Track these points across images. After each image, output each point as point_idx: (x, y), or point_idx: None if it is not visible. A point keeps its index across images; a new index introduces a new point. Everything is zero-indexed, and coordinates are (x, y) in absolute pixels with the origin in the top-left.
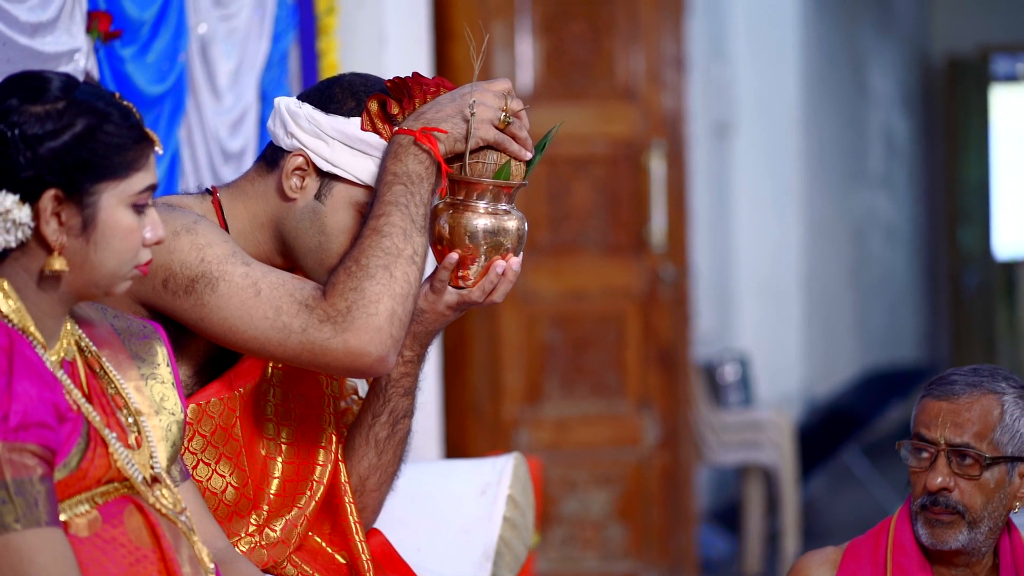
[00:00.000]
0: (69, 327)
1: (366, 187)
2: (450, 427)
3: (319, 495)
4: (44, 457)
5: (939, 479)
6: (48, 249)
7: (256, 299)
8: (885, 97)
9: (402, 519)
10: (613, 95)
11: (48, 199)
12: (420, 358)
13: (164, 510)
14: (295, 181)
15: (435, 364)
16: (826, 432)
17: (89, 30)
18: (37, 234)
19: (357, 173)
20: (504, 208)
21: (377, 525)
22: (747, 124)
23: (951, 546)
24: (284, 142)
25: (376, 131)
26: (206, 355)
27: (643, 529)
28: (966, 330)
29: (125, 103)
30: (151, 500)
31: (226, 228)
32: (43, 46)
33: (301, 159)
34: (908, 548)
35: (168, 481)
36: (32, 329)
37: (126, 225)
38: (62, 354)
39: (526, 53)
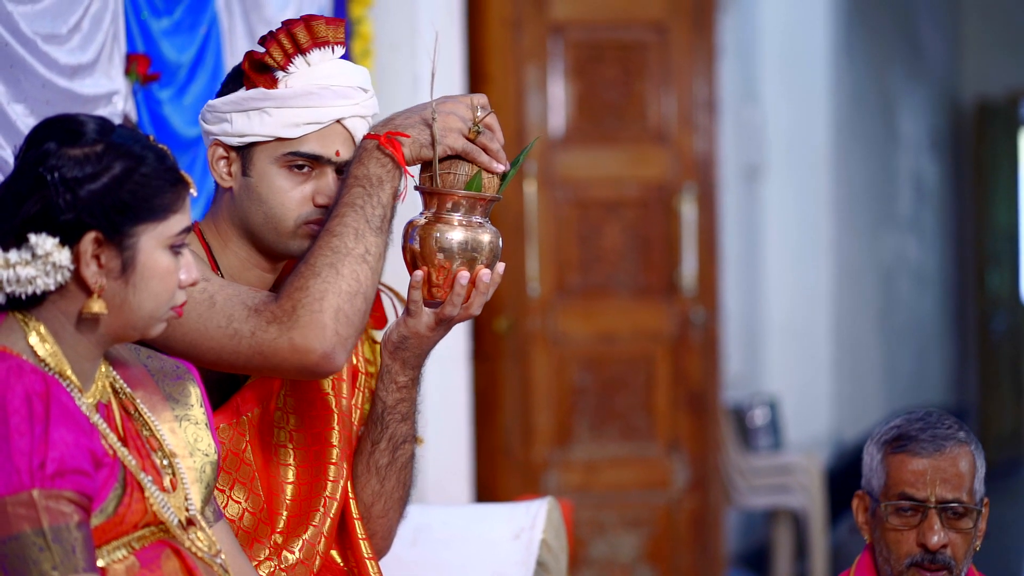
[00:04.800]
0: (104, 369)
1: (277, 139)
2: (481, 469)
3: (333, 511)
4: (81, 504)
5: (936, 538)
6: (87, 291)
7: (211, 310)
8: (914, 141)
9: (436, 563)
10: (645, 138)
11: (88, 242)
12: (414, 382)
13: (200, 553)
14: (223, 169)
15: (466, 406)
16: (855, 476)
17: (127, 72)
18: (76, 277)
19: (259, 130)
20: (478, 221)
21: (411, 568)
22: (777, 167)
23: None
24: (207, 144)
25: (258, 85)
26: (210, 382)
27: (672, 572)
28: (994, 374)
29: (160, 145)
30: (187, 544)
31: (210, 253)
32: (82, 88)
33: (219, 148)
34: None
35: (203, 523)
36: (69, 373)
37: (164, 267)
38: (98, 396)
39: (558, 96)
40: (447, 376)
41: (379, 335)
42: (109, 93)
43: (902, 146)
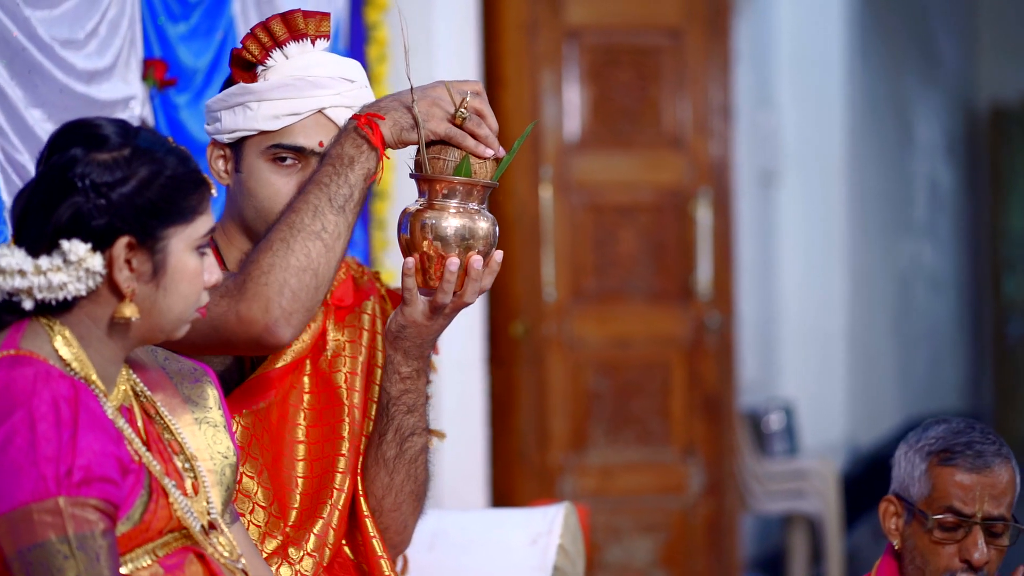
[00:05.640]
0: (124, 372)
1: (261, 133)
2: (497, 473)
3: (341, 503)
4: (107, 512)
5: (979, 554)
6: (118, 296)
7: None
8: (929, 146)
9: (453, 568)
10: (660, 143)
11: (121, 247)
12: (419, 373)
13: (223, 560)
14: (220, 167)
15: (482, 410)
16: (870, 481)
17: (145, 78)
18: (107, 282)
19: (243, 125)
20: (474, 208)
21: (429, 573)
22: (792, 172)
23: None
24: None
25: (239, 80)
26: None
27: None
28: (1010, 379)
29: (181, 147)
30: (210, 550)
31: (216, 250)
32: (99, 93)
33: (216, 147)
34: None
35: (225, 528)
36: (94, 378)
37: (192, 269)
38: (120, 400)
39: (573, 101)
40: (463, 381)
41: None
42: (126, 98)
43: (917, 151)
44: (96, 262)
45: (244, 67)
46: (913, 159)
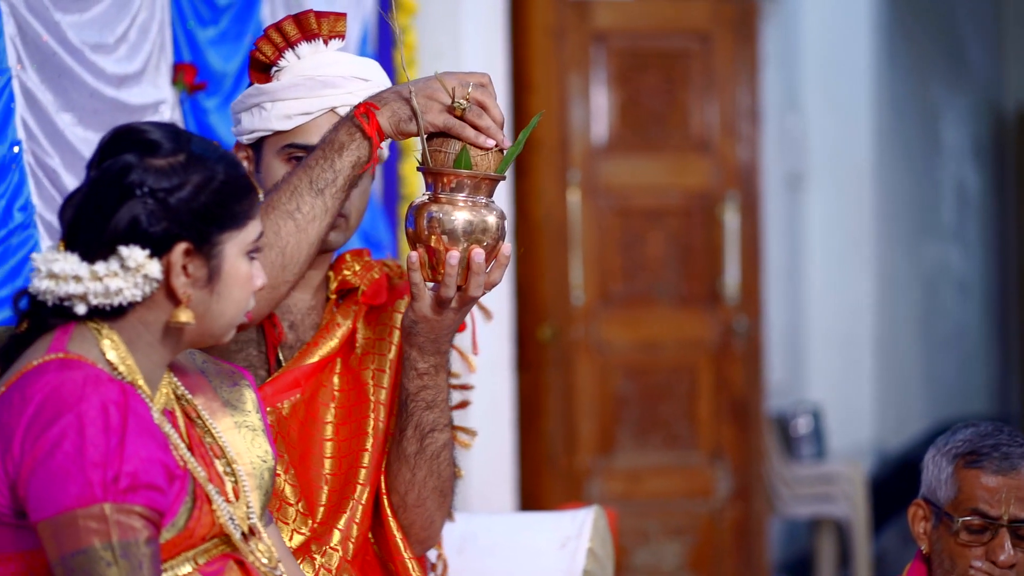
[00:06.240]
0: (166, 375)
1: (276, 133)
2: (524, 477)
3: (364, 498)
4: (151, 519)
5: (1005, 555)
6: (174, 301)
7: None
8: (957, 149)
9: (482, 571)
10: (687, 146)
11: (179, 253)
12: (437, 370)
13: (262, 568)
14: (245, 168)
15: (510, 414)
16: (898, 485)
17: (174, 82)
18: (163, 287)
19: (259, 125)
20: (483, 201)
21: None
22: (819, 176)
23: None
24: None
25: (255, 82)
26: None
27: None
28: None
29: (229, 153)
30: (251, 558)
31: None
32: (129, 97)
33: (240, 149)
34: None
35: (264, 534)
36: (140, 382)
37: (244, 273)
38: (163, 403)
39: (601, 104)
40: (492, 385)
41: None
42: (156, 102)
43: (944, 155)
44: (154, 268)
45: (259, 68)
46: (940, 162)
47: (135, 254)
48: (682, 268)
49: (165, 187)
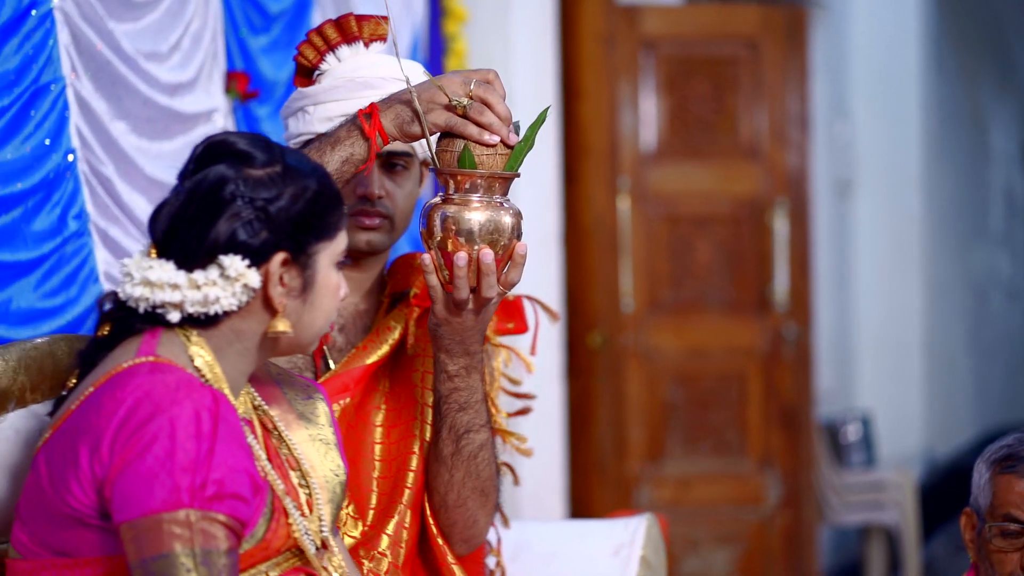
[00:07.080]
0: (245, 387)
1: (316, 135)
2: (574, 484)
3: (413, 502)
4: (234, 529)
5: None
6: (269, 311)
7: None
8: (1005, 155)
9: None
10: (736, 153)
11: (277, 263)
12: (468, 371)
13: None
14: None
15: (560, 421)
16: (947, 492)
17: (227, 90)
18: (259, 296)
19: (303, 129)
20: (498, 200)
21: None
22: (868, 182)
23: None
24: None
25: (300, 86)
26: None
27: None
28: None
29: (319, 164)
30: (323, 573)
31: None
32: (183, 106)
33: None
34: None
35: (335, 547)
36: (226, 389)
37: (334, 284)
38: (242, 413)
39: (650, 111)
40: (542, 392)
41: (504, 339)
42: (209, 111)
43: (993, 161)
44: (254, 278)
45: (302, 73)
46: (988, 168)
47: (235, 264)
48: (731, 275)
49: (264, 197)
